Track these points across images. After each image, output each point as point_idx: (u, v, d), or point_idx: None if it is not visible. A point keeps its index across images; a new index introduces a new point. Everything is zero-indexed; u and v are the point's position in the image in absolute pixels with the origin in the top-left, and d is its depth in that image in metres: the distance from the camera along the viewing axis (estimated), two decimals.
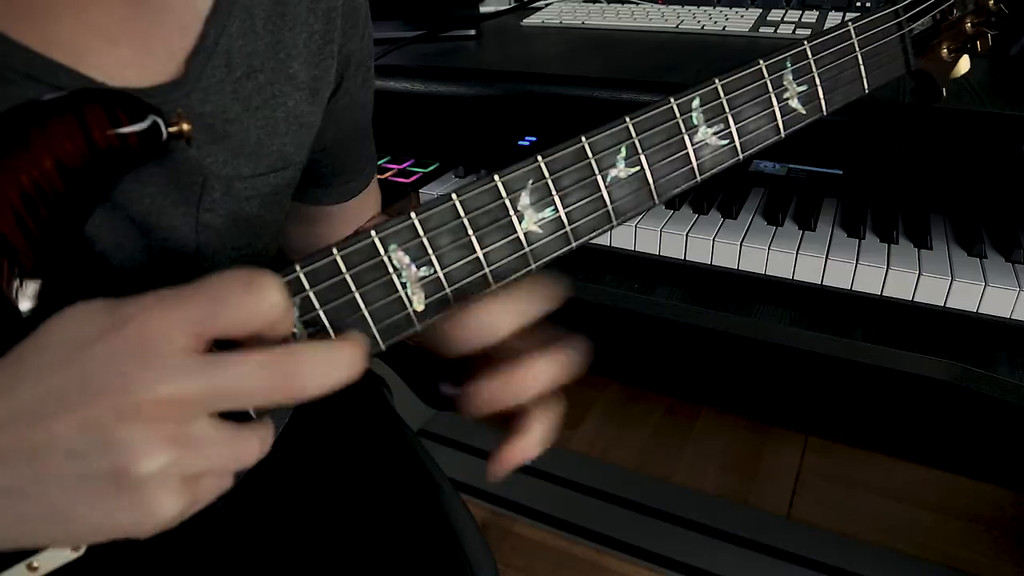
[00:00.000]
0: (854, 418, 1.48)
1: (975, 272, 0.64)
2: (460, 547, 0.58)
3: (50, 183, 0.32)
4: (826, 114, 0.41)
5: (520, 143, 0.89)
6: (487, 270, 0.34)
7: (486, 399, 0.34)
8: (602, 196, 0.34)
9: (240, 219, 0.45)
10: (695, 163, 0.36)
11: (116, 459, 0.25)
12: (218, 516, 0.57)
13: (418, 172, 0.89)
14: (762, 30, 0.96)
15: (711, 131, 0.37)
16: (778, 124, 0.39)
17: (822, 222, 0.74)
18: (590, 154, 0.34)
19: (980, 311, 0.63)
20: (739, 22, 1.00)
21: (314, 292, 0.31)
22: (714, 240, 0.71)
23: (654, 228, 0.72)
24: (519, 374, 0.34)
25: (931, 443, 1.42)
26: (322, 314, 0.31)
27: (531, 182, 0.32)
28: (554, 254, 0.35)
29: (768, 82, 0.38)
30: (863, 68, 0.43)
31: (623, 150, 0.34)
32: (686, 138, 0.36)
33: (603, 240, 0.75)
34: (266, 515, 0.57)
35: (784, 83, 0.39)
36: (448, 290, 0.33)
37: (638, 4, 1.16)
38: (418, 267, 0.32)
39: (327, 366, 0.28)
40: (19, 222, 0.31)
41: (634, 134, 0.34)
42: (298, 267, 0.30)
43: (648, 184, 0.35)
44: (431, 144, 0.94)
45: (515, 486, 1.40)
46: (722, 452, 1.49)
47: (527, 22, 1.10)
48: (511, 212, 0.32)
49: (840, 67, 0.41)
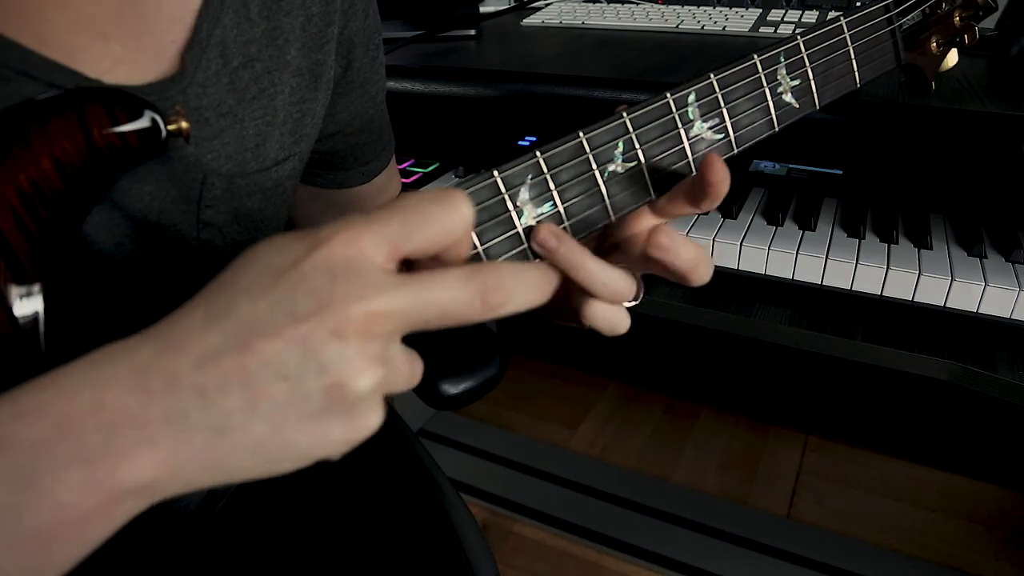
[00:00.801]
0: (854, 418, 1.48)
1: (975, 272, 0.64)
2: (460, 547, 0.58)
3: (49, 182, 0.32)
4: (819, 108, 0.41)
5: (520, 143, 0.89)
6: None
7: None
8: (600, 191, 0.34)
9: (242, 214, 0.45)
10: (691, 157, 0.36)
11: (332, 377, 0.24)
12: (219, 516, 0.57)
13: (418, 172, 0.89)
14: (762, 30, 0.96)
15: (706, 125, 0.37)
16: (772, 118, 0.39)
17: (822, 222, 0.74)
18: (588, 149, 0.34)
19: (980, 311, 0.63)
20: (739, 22, 1.00)
21: None
22: (714, 240, 0.71)
23: None
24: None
25: (931, 443, 1.42)
26: None
27: (530, 177, 0.32)
28: None
29: (762, 76, 0.38)
30: (855, 62, 0.43)
31: (620, 145, 0.34)
32: (682, 133, 0.36)
33: None
34: (266, 515, 0.57)
35: (778, 77, 0.39)
36: None
37: (638, 4, 1.16)
38: None
39: (525, 282, 0.28)
40: (17, 221, 0.31)
41: (631, 129, 0.34)
42: None
43: (645, 179, 0.35)
44: (431, 144, 0.94)
45: (515, 486, 1.40)
46: (722, 452, 1.48)
47: (527, 22, 1.10)
48: (510, 207, 0.32)
49: (832, 61, 0.42)
